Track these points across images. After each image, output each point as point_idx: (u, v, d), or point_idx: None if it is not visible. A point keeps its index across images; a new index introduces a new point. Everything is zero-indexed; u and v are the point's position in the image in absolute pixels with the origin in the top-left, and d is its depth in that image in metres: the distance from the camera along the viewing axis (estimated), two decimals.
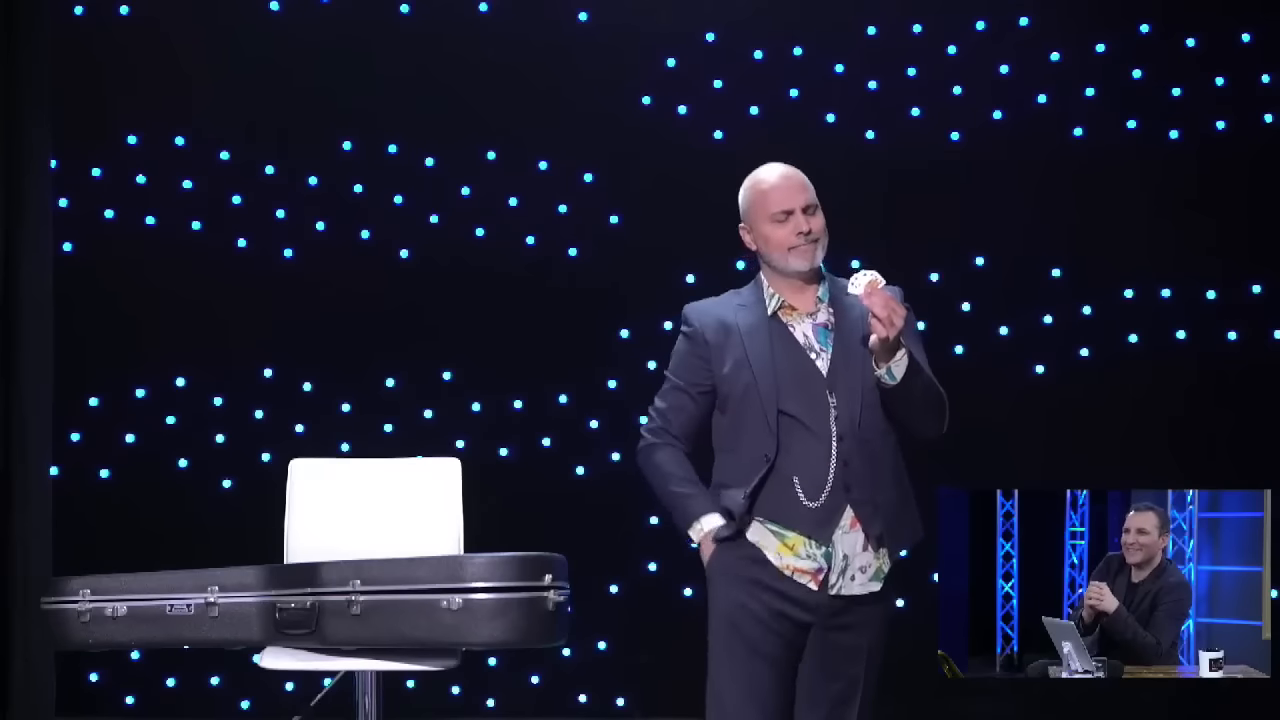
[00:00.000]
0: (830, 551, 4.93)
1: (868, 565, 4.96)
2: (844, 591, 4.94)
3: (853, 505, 4.94)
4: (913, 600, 7.64)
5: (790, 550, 4.94)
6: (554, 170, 7.92)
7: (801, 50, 7.92)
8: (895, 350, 4.89)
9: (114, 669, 7.72)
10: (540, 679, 7.79)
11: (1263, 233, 7.84)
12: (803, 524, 4.94)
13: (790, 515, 4.94)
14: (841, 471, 4.93)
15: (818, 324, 5.05)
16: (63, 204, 7.80)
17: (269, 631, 5.13)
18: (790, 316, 5.05)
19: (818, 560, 4.93)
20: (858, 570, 4.95)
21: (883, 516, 4.95)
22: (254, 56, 7.87)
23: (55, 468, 7.63)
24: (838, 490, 4.93)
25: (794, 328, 5.04)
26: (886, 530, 4.95)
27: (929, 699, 7.29)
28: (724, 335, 5.04)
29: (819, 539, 4.93)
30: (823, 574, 4.93)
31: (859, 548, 4.95)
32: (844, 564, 4.93)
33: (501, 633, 4.99)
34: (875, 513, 4.95)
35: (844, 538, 4.94)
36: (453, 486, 5.61)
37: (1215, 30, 7.90)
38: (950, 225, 7.85)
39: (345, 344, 7.84)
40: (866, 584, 4.96)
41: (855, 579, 4.95)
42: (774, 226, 5.05)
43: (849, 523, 4.94)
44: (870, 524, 4.94)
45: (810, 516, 4.93)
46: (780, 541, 4.95)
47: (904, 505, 5.01)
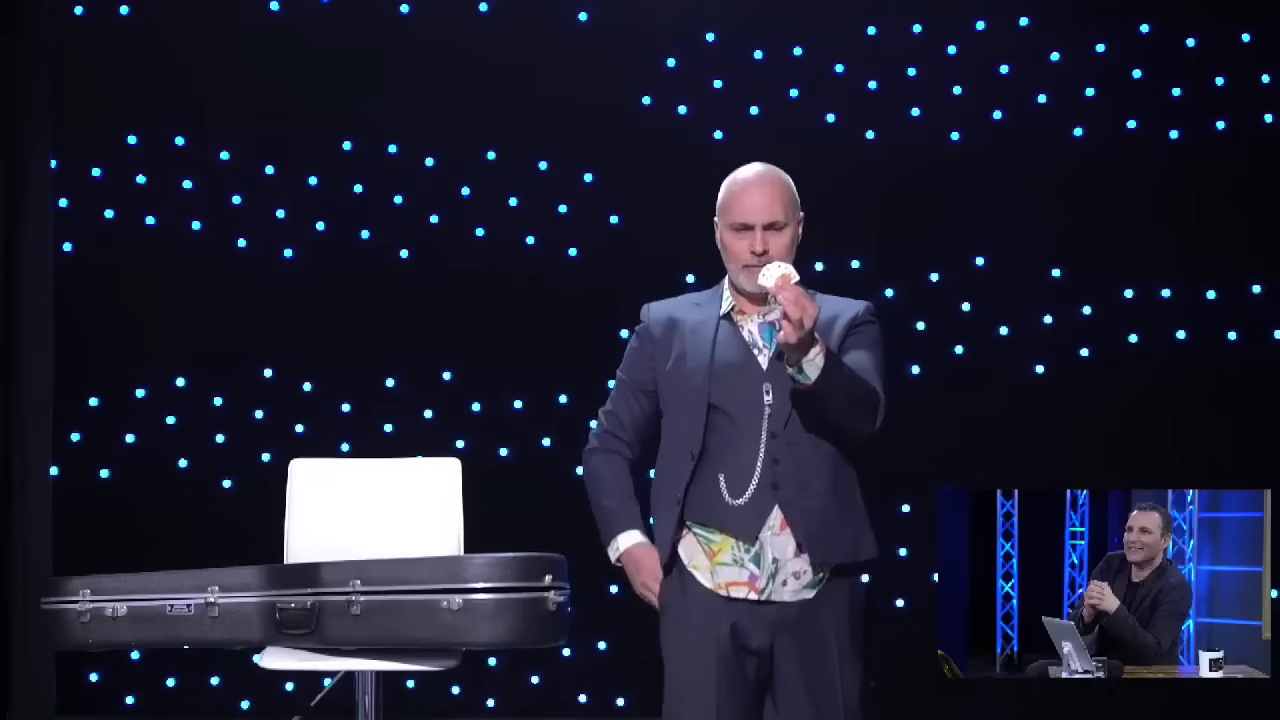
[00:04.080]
0: (759, 553, 4.73)
1: (800, 571, 4.73)
2: (773, 598, 4.73)
3: (780, 505, 4.72)
4: (913, 600, 7.66)
5: (716, 558, 4.75)
6: (554, 170, 7.92)
7: (801, 50, 7.92)
8: (808, 348, 4.59)
9: (114, 669, 7.72)
10: (540, 679, 7.79)
11: (1263, 233, 7.84)
12: (729, 523, 4.74)
13: (716, 514, 4.75)
14: (770, 469, 4.72)
15: (765, 321, 4.82)
16: (63, 204, 7.80)
17: (269, 631, 5.13)
18: (741, 317, 4.86)
19: (746, 566, 4.74)
20: (790, 576, 4.73)
21: (811, 521, 4.71)
22: (254, 57, 7.88)
23: (55, 468, 7.63)
24: (764, 487, 4.72)
25: (743, 326, 4.85)
26: (812, 536, 4.71)
27: (929, 699, 7.30)
28: (670, 332, 4.89)
29: (745, 538, 4.73)
30: (757, 581, 4.73)
31: (790, 552, 4.73)
32: (774, 567, 4.73)
33: (501, 633, 4.98)
34: (803, 516, 4.71)
35: (774, 540, 4.73)
36: (453, 486, 5.60)
37: (1215, 30, 7.90)
38: (950, 225, 7.85)
39: (345, 344, 7.84)
40: (799, 591, 4.74)
41: (787, 584, 4.74)
42: (731, 236, 4.84)
43: (778, 524, 4.73)
44: (797, 527, 4.71)
45: (735, 514, 4.73)
46: (706, 550, 4.77)
47: (842, 517, 4.76)
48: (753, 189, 4.83)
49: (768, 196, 4.81)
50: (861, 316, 4.87)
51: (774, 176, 4.87)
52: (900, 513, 7.63)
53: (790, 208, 4.83)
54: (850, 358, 4.75)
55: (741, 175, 4.88)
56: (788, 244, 4.80)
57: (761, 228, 4.79)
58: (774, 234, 4.79)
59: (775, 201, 4.80)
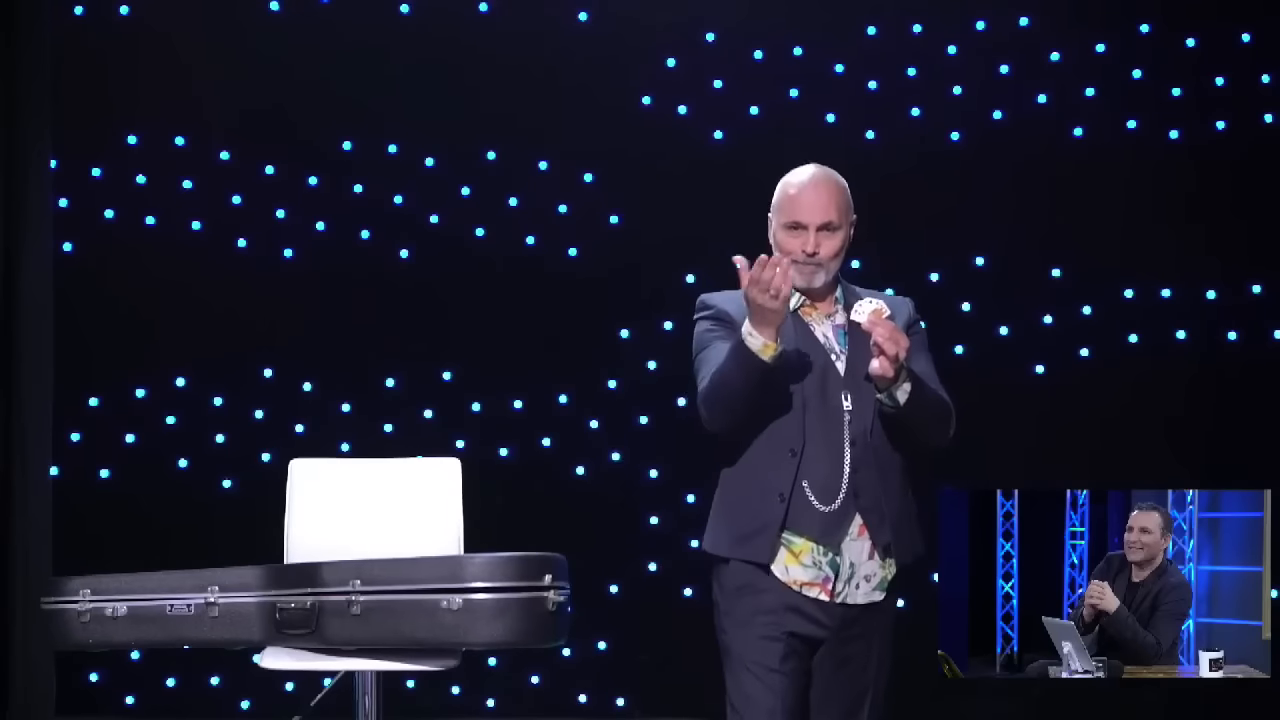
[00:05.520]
0: (837, 559, 4.83)
1: (873, 574, 4.86)
2: (849, 600, 4.84)
3: (861, 513, 4.83)
4: (913, 600, 7.65)
5: (796, 559, 4.83)
6: (554, 170, 7.92)
7: (801, 50, 7.92)
8: (898, 377, 4.75)
9: (114, 669, 7.72)
10: (540, 679, 7.79)
11: (1263, 233, 7.84)
12: (813, 529, 4.82)
13: (801, 520, 4.82)
14: (853, 477, 4.82)
15: (837, 325, 4.91)
16: (63, 204, 7.80)
17: (269, 631, 5.13)
18: (810, 316, 4.92)
19: (823, 569, 4.83)
20: (863, 579, 4.85)
21: (890, 525, 4.84)
22: (254, 56, 7.87)
23: (55, 468, 7.63)
24: (849, 496, 4.82)
25: (814, 327, 4.90)
26: (893, 539, 4.85)
27: (929, 699, 7.29)
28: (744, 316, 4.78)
29: (827, 545, 4.82)
30: (830, 583, 4.83)
31: (865, 555, 4.84)
32: (850, 572, 4.83)
33: (501, 633, 4.98)
34: (882, 521, 4.83)
35: (850, 545, 4.83)
36: (453, 486, 5.60)
37: (1215, 30, 7.90)
38: (950, 225, 7.85)
39: (345, 344, 7.84)
40: (870, 593, 4.86)
41: (860, 587, 4.85)
42: (785, 234, 4.89)
43: (857, 530, 4.83)
44: (878, 532, 4.83)
45: (821, 521, 4.81)
46: (788, 550, 4.83)
47: (908, 518, 4.91)
48: (809, 190, 4.90)
49: (824, 198, 4.89)
50: (913, 316, 4.99)
51: (830, 179, 4.95)
52: None
53: (844, 210, 4.92)
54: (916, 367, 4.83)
55: (798, 176, 4.95)
56: (839, 246, 4.89)
57: (815, 228, 4.86)
58: (827, 235, 4.87)
59: (830, 204, 4.88)
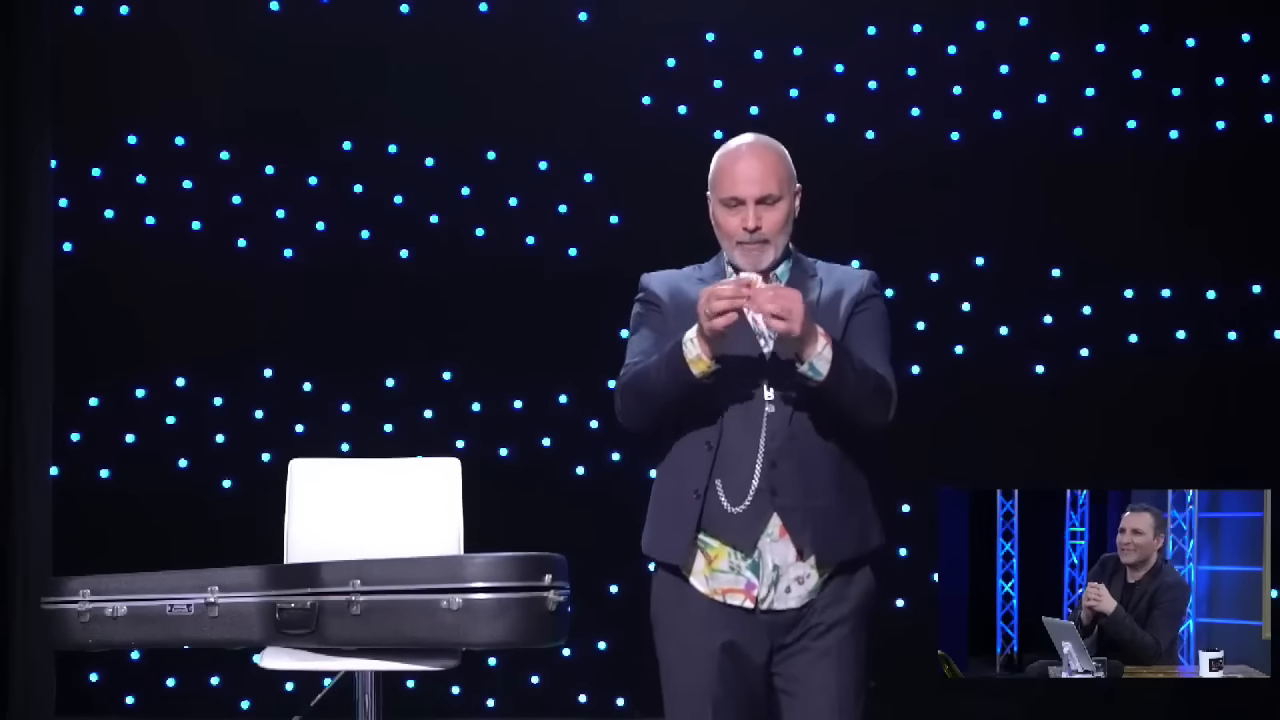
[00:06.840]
0: (757, 562, 4.46)
1: (805, 575, 4.48)
2: (776, 606, 4.47)
3: (779, 512, 4.45)
4: (913, 600, 7.66)
5: (712, 565, 4.50)
6: (554, 170, 7.92)
7: (801, 50, 7.92)
8: (813, 340, 4.30)
9: (114, 669, 7.72)
10: (540, 679, 7.79)
11: (1262, 233, 7.83)
12: (726, 531, 4.46)
13: (715, 520, 4.47)
14: (768, 474, 4.43)
15: None
16: (63, 204, 7.80)
17: (269, 631, 5.13)
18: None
19: (743, 574, 4.48)
20: (793, 582, 4.48)
21: (813, 525, 4.44)
22: (254, 56, 7.87)
23: (55, 468, 7.63)
24: (763, 494, 4.43)
25: (746, 309, 4.35)
26: (817, 540, 4.45)
27: (929, 699, 7.29)
28: (676, 305, 4.54)
29: (743, 549, 4.46)
30: (755, 589, 4.48)
31: (791, 558, 4.47)
32: (775, 575, 4.47)
33: (501, 633, 4.98)
34: (805, 521, 4.44)
35: (772, 547, 4.46)
36: (453, 486, 5.60)
37: (1215, 30, 7.90)
38: (950, 225, 7.85)
39: (345, 343, 7.84)
40: (804, 597, 4.49)
41: (791, 590, 4.48)
42: (723, 212, 4.50)
43: (777, 530, 4.46)
44: (798, 533, 4.44)
45: (733, 523, 4.45)
46: (703, 553, 4.51)
47: (846, 513, 4.49)
48: (744, 161, 4.49)
49: (760, 169, 4.48)
50: (865, 290, 4.59)
51: (767, 146, 4.55)
52: (900, 513, 7.63)
53: (785, 180, 4.51)
54: (856, 342, 4.47)
55: (732, 146, 4.55)
56: (783, 218, 4.49)
57: (754, 202, 4.47)
58: (767, 208, 4.48)
59: (769, 174, 4.48)
